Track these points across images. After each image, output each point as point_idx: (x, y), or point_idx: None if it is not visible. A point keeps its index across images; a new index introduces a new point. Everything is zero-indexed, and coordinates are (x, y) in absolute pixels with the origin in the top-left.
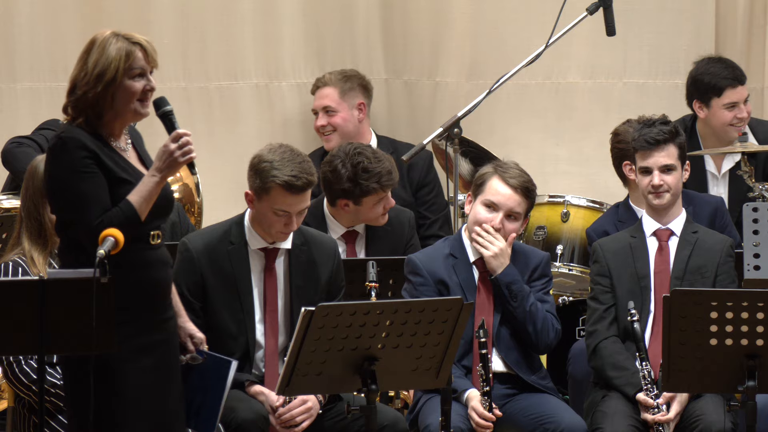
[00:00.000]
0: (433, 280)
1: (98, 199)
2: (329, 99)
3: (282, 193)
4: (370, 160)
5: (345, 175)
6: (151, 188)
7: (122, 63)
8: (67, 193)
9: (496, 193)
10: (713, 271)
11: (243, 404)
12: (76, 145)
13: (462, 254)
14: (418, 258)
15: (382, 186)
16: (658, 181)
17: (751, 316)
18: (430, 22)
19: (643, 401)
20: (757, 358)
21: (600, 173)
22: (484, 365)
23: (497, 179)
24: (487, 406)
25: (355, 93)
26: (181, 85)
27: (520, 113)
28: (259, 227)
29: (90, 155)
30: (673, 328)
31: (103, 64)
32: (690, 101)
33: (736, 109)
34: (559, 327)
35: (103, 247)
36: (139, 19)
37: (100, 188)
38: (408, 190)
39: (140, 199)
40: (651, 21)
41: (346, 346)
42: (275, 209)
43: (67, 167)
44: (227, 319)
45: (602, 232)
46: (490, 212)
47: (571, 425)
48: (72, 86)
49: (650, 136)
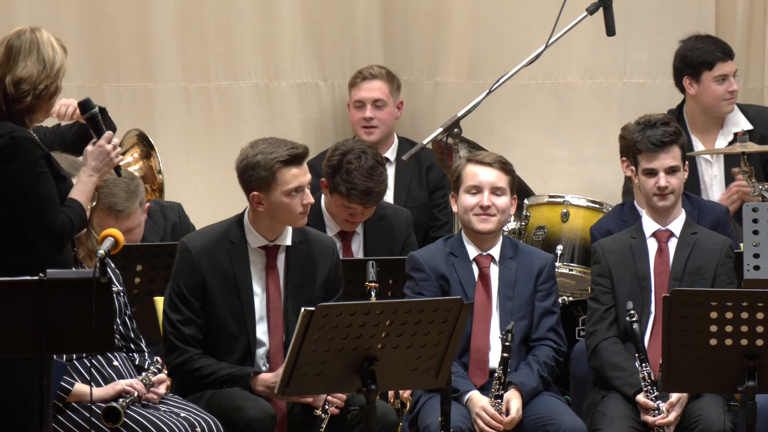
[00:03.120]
0: (435, 275)
1: (55, 199)
2: (381, 92)
3: (288, 170)
4: (362, 171)
5: (333, 161)
6: (91, 188)
7: (66, 60)
8: (28, 195)
9: (474, 176)
10: (712, 272)
11: (250, 403)
12: (32, 145)
13: (462, 253)
14: (419, 255)
15: (348, 196)
16: (665, 183)
17: (750, 316)
18: (430, 21)
19: (643, 403)
20: (756, 358)
21: (600, 173)
22: (504, 369)
23: (471, 164)
24: (499, 409)
25: (397, 92)
26: (181, 85)
27: (520, 113)
28: (264, 224)
29: (44, 155)
30: (672, 328)
31: (60, 60)
32: (680, 79)
33: (727, 82)
34: (563, 345)
35: (103, 247)
36: (140, 19)
37: (54, 189)
38: (425, 191)
39: (85, 198)
40: (651, 21)
41: (346, 346)
42: (287, 190)
43: (26, 168)
44: (228, 318)
45: (606, 231)
46: (475, 195)
47: (572, 427)
48: (30, 81)
49: (655, 137)
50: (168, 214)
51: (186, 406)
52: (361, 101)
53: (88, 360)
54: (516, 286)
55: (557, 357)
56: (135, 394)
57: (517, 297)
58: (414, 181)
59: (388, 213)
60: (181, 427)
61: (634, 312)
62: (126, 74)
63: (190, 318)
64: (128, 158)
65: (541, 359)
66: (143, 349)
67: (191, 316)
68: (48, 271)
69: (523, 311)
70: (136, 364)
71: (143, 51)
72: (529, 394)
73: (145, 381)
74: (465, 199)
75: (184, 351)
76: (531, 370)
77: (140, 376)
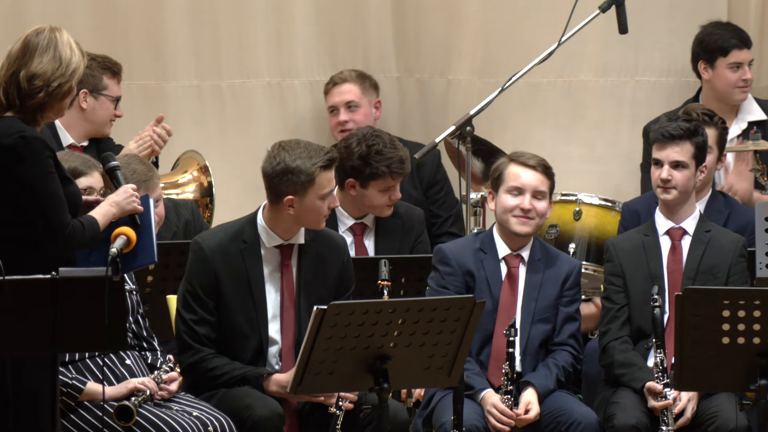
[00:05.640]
0: (461, 270)
1: (63, 200)
2: (352, 94)
3: (326, 175)
4: (386, 144)
5: (357, 153)
6: (109, 215)
7: (83, 64)
8: (37, 194)
9: (517, 177)
10: (726, 271)
11: (259, 402)
12: (41, 145)
13: (491, 250)
14: (447, 248)
15: (392, 172)
16: (666, 175)
17: (763, 315)
18: (442, 20)
19: (652, 387)
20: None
21: (612, 172)
22: (510, 364)
23: (515, 165)
24: (510, 405)
25: (372, 91)
26: (193, 83)
27: (533, 111)
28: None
29: (52, 155)
30: (685, 326)
31: (76, 63)
32: (695, 63)
33: (741, 70)
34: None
35: (115, 246)
36: (153, 17)
37: (61, 188)
38: (419, 189)
39: (103, 221)
40: (663, 19)
41: (359, 344)
42: (323, 194)
43: (36, 168)
44: (240, 317)
45: (633, 212)
46: (516, 197)
47: (583, 415)
48: (44, 77)
49: (667, 130)
50: (181, 211)
51: (198, 405)
52: (334, 106)
53: (101, 358)
54: (542, 288)
55: (575, 364)
56: (147, 393)
57: (542, 300)
58: (406, 181)
59: (401, 210)
60: (194, 425)
61: (658, 297)
62: (139, 72)
63: (203, 317)
64: (187, 176)
65: (560, 363)
66: (155, 348)
67: (205, 315)
68: (60, 270)
69: (546, 314)
70: (149, 362)
71: (156, 49)
72: (545, 395)
73: (158, 379)
74: (505, 200)
75: (197, 350)
76: (549, 372)
77: (152, 374)
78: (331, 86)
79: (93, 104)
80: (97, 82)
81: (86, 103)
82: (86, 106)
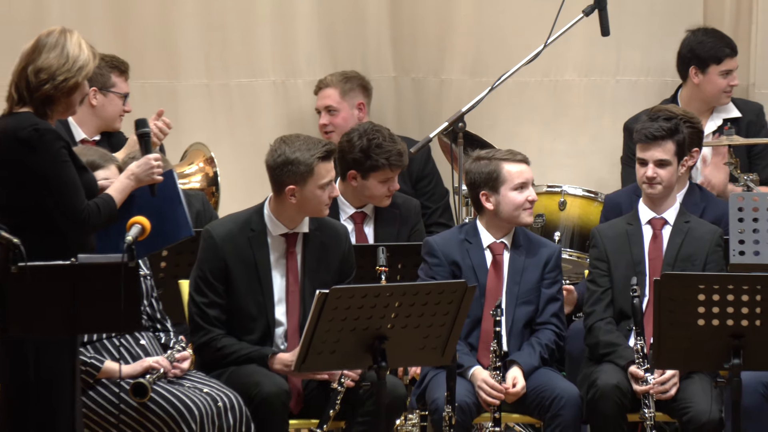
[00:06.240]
0: (447, 261)
1: (78, 186)
2: (331, 99)
3: (324, 165)
4: (386, 138)
5: (358, 146)
6: (126, 189)
7: (93, 63)
8: (51, 182)
9: (519, 174)
10: (703, 259)
11: (267, 379)
12: (54, 136)
13: (476, 239)
14: (434, 241)
15: (390, 164)
16: (652, 173)
17: (736, 299)
18: (436, 22)
19: (634, 373)
20: (741, 337)
21: (594, 165)
22: (498, 342)
23: (509, 164)
24: (499, 380)
25: (355, 93)
26: (203, 82)
27: (520, 109)
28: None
29: (65, 145)
30: (663, 309)
31: (84, 60)
32: (686, 67)
33: (730, 76)
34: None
35: (131, 234)
36: (164, 19)
37: (76, 175)
38: (408, 183)
39: (119, 196)
40: (643, 22)
41: (358, 326)
42: (322, 184)
43: (48, 157)
44: (248, 301)
45: (615, 204)
46: (522, 192)
47: (564, 390)
48: (49, 71)
49: (650, 131)
50: (192, 202)
51: (209, 382)
52: (318, 109)
53: (117, 339)
54: (524, 273)
55: (558, 341)
56: (161, 371)
57: (525, 283)
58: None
59: (399, 201)
60: (204, 401)
61: (637, 287)
62: (151, 72)
63: (214, 300)
64: (193, 167)
65: (543, 341)
66: (168, 329)
67: (215, 298)
68: (79, 256)
69: (530, 297)
70: (162, 342)
71: (168, 50)
72: (529, 372)
73: (170, 358)
74: (514, 197)
75: (208, 331)
76: (533, 351)
77: (166, 353)
78: (317, 91)
79: (102, 101)
80: (106, 80)
81: (96, 100)
82: (96, 103)
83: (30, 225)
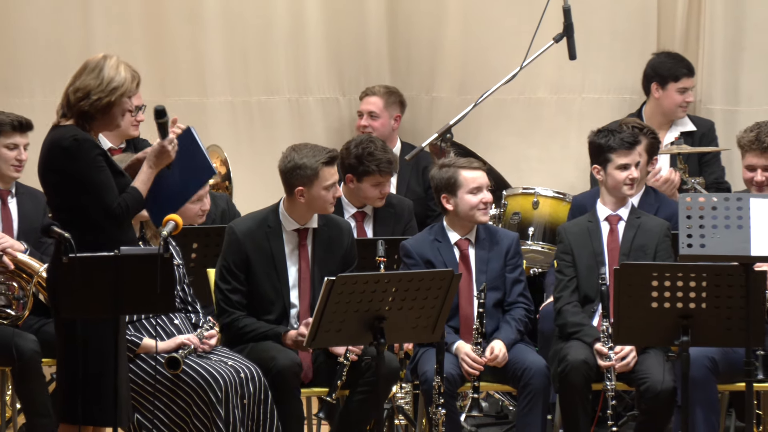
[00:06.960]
0: (422, 260)
1: (112, 187)
2: (374, 106)
3: (328, 169)
4: (377, 148)
5: (354, 154)
6: (150, 178)
7: (130, 83)
8: (88, 183)
9: (474, 179)
10: (653, 249)
11: (281, 354)
12: (91, 145)
13: (445, 238)
14: (409, 243)
15: (380, 170)
16: (637, 174)
17: (685, 285)
18: (428, 47)
19: (599, 350)
20: (689, 318)
21: (563, 170)
22: (480, 321)
23: (465, 171)
24: (480, 353)
25: (395, 107)
26: (228, 99)
27: (500, 122)
28: (299, 212)
29: (101, 152)
30: (622, 294)
31: (119, 81)
32: (649, 83)
33: (686, 93)
34: (532, 305)
35: (166, 229)
36: (195, 44)
37: (111, 179)
38: (421, 187)
39: (143, 186)
40: (605, 47)
41: (360, 308)
42: (327, 185)
43: (86, 163)
44: (267, 287)
45: (581, 204)
46: (477, 195)
47: (533, 362)
48: (85, 90)
49: (627, 141)
50: (218, 202)
51: (232, 357)
52: (361, 112)
53: (154, 319)
54: (489, 263)
55: (528, 315)
56: (192, 347)
57: (491, 271)
58: (413, 178)
59: (394, 202)
60: (228, 372)
61: (605, 275)
62: (184, 90)
63: (236, 287)
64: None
65: (516, 317)
66: (198, 311)
67: (237, 285)
68: (122, 249)
69: (496, 283)
70: (193, 322)
71: (197, 71)
72: (510, 345)
73: (200, 336)
74: (469, 199)
75: (231, 313)
76: (510, 327)
77: (196, 332)
78: (364, 96)
79: None
80: None
81: None
82: None
83: (71, 221)
